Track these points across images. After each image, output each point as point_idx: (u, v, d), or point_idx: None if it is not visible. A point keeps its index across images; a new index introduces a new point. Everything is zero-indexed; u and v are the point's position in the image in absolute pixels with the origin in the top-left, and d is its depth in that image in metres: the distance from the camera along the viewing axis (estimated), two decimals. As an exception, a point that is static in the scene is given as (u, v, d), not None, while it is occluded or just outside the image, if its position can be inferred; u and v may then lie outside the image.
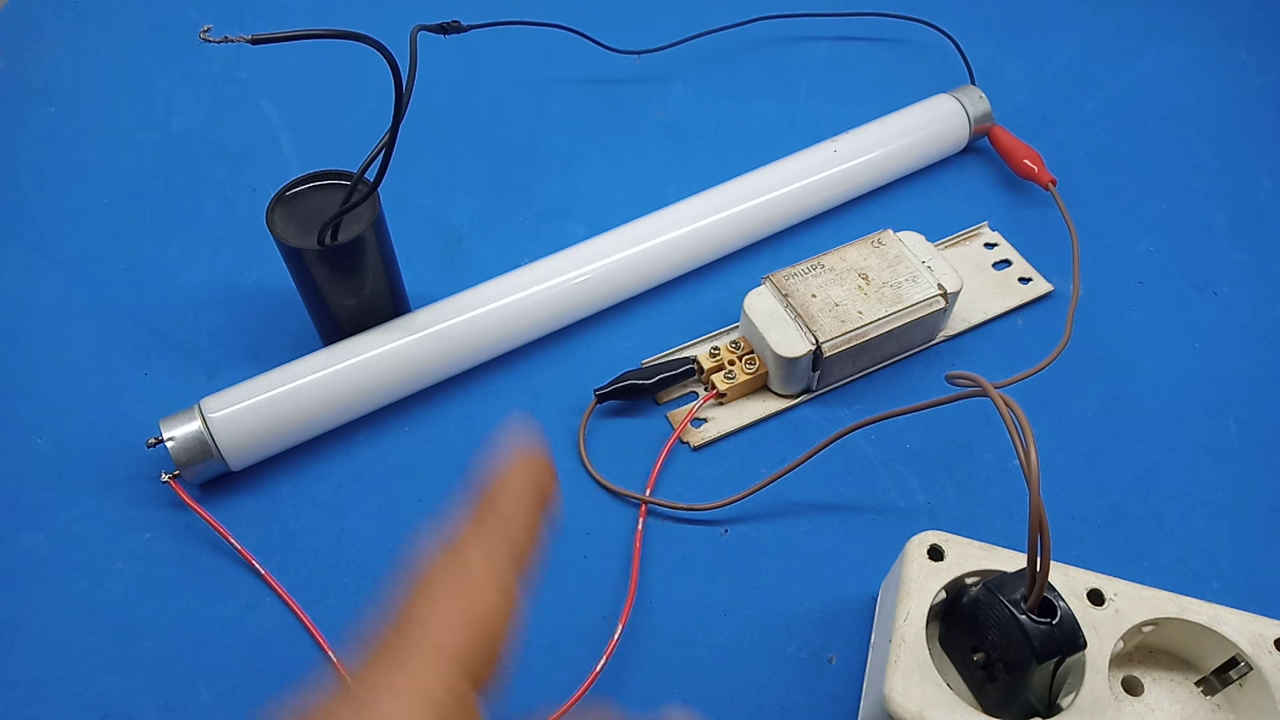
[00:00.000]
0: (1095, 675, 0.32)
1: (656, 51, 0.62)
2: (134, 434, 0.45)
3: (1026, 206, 0.55)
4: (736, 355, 0.46)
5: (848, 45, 0.65)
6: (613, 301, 0.49)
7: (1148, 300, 0.51)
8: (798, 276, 0.46)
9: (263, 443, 0.43)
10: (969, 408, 0.45)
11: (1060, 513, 0.43)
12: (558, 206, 0.55)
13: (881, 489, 0.44)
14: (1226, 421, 0.46)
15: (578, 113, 0.61)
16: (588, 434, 0.45)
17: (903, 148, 0.55)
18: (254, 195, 0.56)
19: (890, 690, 0.32)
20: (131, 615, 0.40)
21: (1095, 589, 0.34)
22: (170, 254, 0.53)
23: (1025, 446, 0.29)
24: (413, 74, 0.37)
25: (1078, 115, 0.61)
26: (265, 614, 0.40)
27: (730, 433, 0.45)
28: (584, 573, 0.41)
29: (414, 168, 0.56)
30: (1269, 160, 0.58)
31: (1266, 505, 0.43)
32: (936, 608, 0.34)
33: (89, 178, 0.56)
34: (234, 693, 0.38)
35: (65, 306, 0.50)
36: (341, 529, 0.42)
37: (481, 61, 0.63)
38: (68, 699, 0.38)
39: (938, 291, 0.46)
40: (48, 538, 0.42)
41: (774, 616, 0.40)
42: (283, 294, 0.50)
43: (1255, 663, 0.32)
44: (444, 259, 0.53)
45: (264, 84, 0.62)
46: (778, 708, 0.38)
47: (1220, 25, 0.67)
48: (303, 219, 0.42)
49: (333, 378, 0.43)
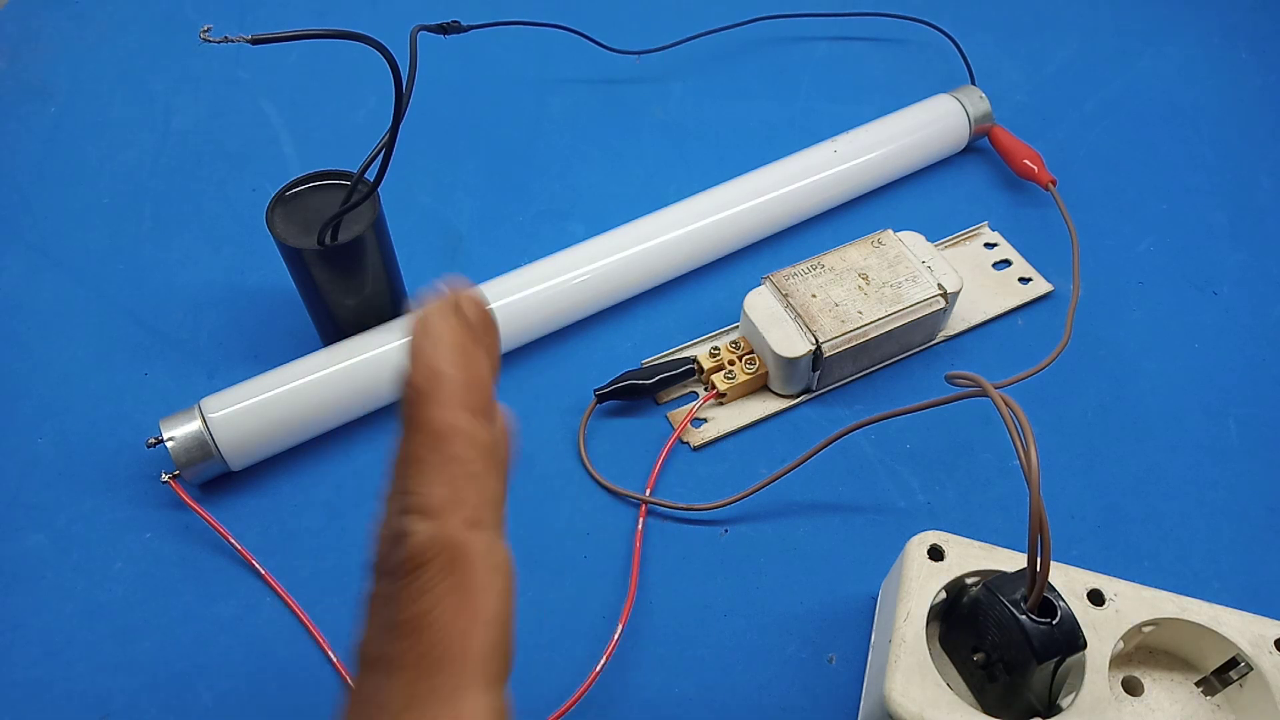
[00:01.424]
0: (1095, 675, 0.32)
1: (656, 51, 0.62)
2: (134, 434, 0.45)
3: (1026, 206, 0.55)
4: (736, 355, 0.46)
5: (848, 45, 0.65)
6: (613, 301, 0.49)
7: (1148, 300, 0.51)
8: (798, 276, 0.46)
9: (263, 443, 0.43)
10: (969, 408, 0.45)
11: (1060, 513, 0.43)
12: (558, 206, 0.55)
13: (881, 489, 0.44)
14: (1226, 421, 0.46)
15: (578, 113, 0.61)
16: (588, 434, 0.45)
17: (903, 148, 0.55)
18: (254, 195, 0.56)
19: (890, 690, 0.32)
20: (131, 615, 0.40)
21: (1095, 589, 0.34)
22: (170, 254, 0.53)
23: (1025, 446, 0.29)
24: (413, 74, 0.37)
25: (1078, 115, 0.61)
26: (265, 614, 0.40)
27: (730, 433, 0.45)
28: (584, 573, 0.41)
29: (414, 168, 0.56)
30: (1269, 160, 0.58)
31: (1266, 505, 0.43)
32: (936, 608, 0.34)
33: (89, 178, 0.56)
34: (234, 693, 0.38)
35: (65, 306, 0.50)
36: (341, 529, 0.42)
37: (481, 61, 0.63)
38: (68, 699, 0.38)
39: (938, 291, 0.46)
40: (48, 538, 0.42)
41: (774, 616, 0.40)
42: (283, 294, 0.50)
43: (1255, 663, 0.32)
44: (444, 259, 0.53)
45: (264, 84, 0.62)
46: (778, 708, 0.38)
47: (1220, 25, 0.67)
48: (303, 219, 0.42)
49: (333, 378, 0.43)
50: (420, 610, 0.18)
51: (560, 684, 0.38)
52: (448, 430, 0.18)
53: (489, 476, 0.19)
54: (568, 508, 0.43)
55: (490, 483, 0.19)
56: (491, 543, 0.19)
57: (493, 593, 0.19)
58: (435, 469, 0.18)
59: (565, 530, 0.42)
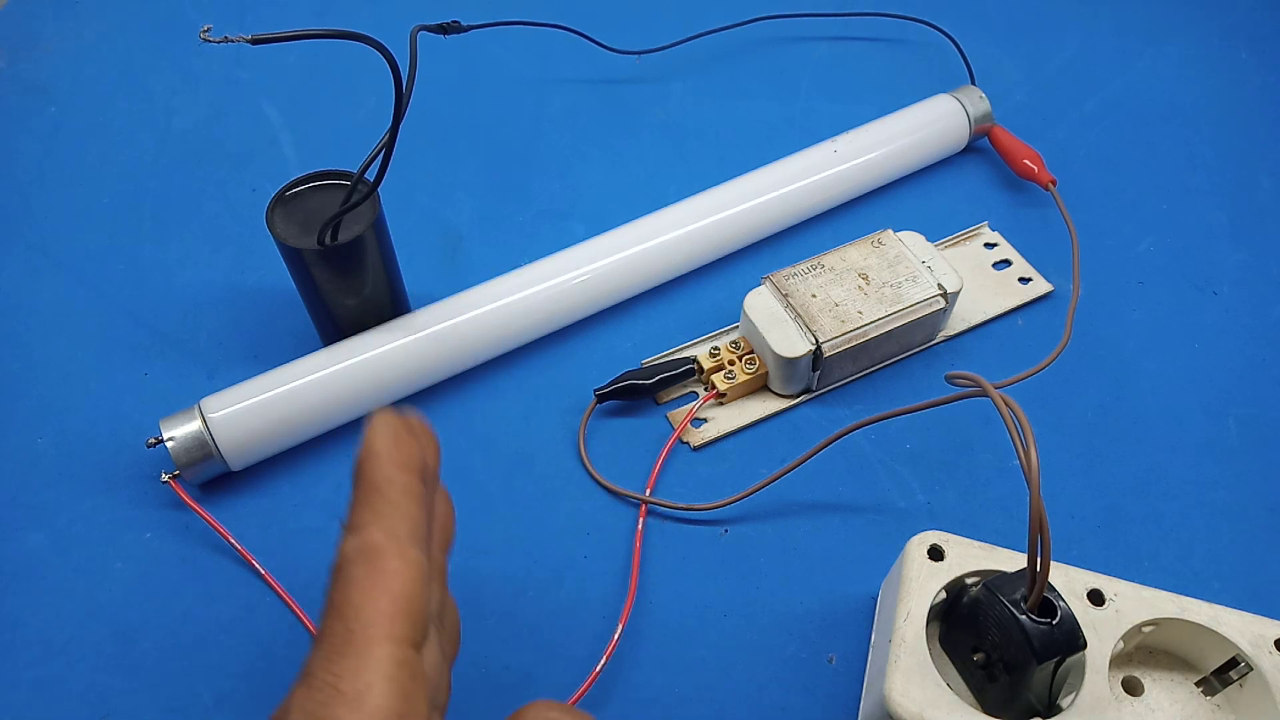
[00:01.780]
0: (1095, 675, 0.32)
1: (656, 51, 0.62)
2: (134, 434, 0.45)
3: (1026, 206, 0.55)
4: (736, 355, 0.46)
5: (848, 45, 0.65)
6: (613, 301, 0.49)
7: (1148, 300, 0.51)
8: (798, 276, 0.46)
9: (263, 443, 0.43)
10: (969, 408, 0.45)
11: (1060, 513, 0.43)
12: (558, 206, 0.55)
13: (881, 489, 0.44)
14: (1226, 421, 0.46)
15: (578, 113, 0.61)
16: (588, 434, 0.45)
17: (903, 148, 0.55)
18: (254, 195, 0.56)
19: (890, 690, 0.32)
20: (131, 615, 0.40)
21: (1095, 589, 0.34)
22: (170, 254, 0.53)
23: (1025, 446, 0.29)
24: (413, 74, 0.37)
25: (1078, 115, 0.61)
26: (265, 614, 0.40)
27: (730, 433, 0.45)
28: (584, 573, 0.41)
29: (414, 168, 0.56)
30: (1269, 160, 0.58)
31: (1266, 505, 0.43)
32: (936, 608, 0.34)
33: (89, 178, 0.56)
34: (234, 693, 0.38)
35: (65, 306, 0.50)
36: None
37: (481, 61, 0.63)
38: (68, 699, 0.38)
39: (938, 291, 0.46)
40: (48, 538, 0.42)
41: (774, 616, 0.40)
42: (283, 294, 0.50)
43: (1255, 663, 0.32)
44: (444, 259, 0.53)
45: (264, 84, 0.62)
46: (778, 708, 0.38)
47: (1220, 25, 0.67)
48: (303, 219, 0.42)
49: (333, 378, 0.43)
50: (340, 594, 0.23)
51: (560, 684, 0.38)
52: (378, 479, 0.25)
53: (409, 508, 0.25)
54: (568, 508, 0.43)
55: (410, 512, 0.25)
56: (404, 547, 0.24)
57: (401, 577, 0.23)
58: (364, 503, 0.25)
59: (565, 530, 0.42)
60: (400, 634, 0.23)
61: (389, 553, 0.24)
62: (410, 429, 0.26)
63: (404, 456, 0.26)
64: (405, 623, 0.23)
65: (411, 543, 0.24)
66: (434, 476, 0.28)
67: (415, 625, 0.23)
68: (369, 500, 0.25)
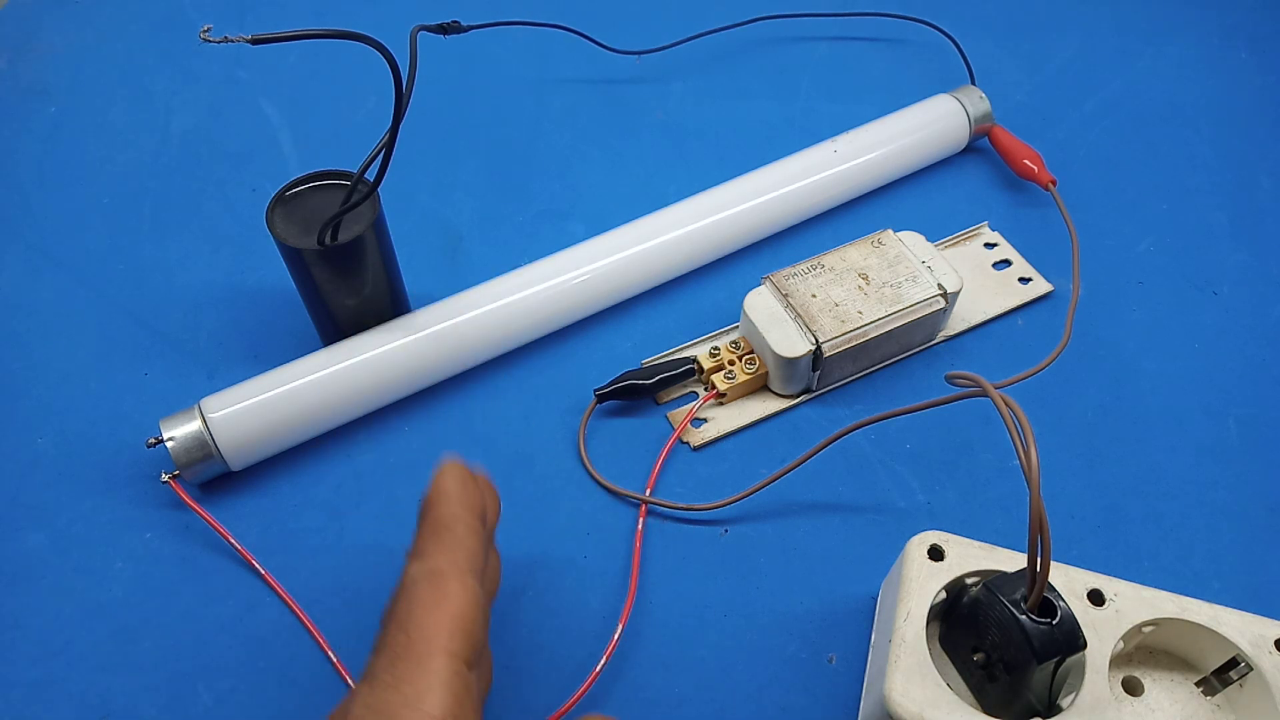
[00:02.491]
0: (1095, 675, 0.32)
1: (656, 51, 0.62)
2: (134, 434, 0.45)
3: (1026, 206, 0.55)
4: (736, 355, 0.46)
5: (848, 45, 0.65)
6: (613, 301, 0.49)
7: (1148, 300, 0.51)
8: (798, 276, 0.46)
9: (263, 443, 0.43)
10: (969, 408, 0.45)
11: (1060, 513, 0.43)
12: (558, 206, 0.55)
13: (881, 489, 0.44)
14: (1226, 421, 0.46)
15: (578, 113, 0.61)
16: (588, 434, 0.45)
17: (903, 148, 0.55)
18: (254, 195, 0.56)
19: (890, 690, 0.32)
20: (131, 615, 0.40)
21: (1095, 589, 0.34)
22: (170, 254, 0.53)
23: (1025, 446, 0.29)
24: (413, 74, 0.37)
25: (1078, 115, 0.61)
26: (265, 614, 0.40)
27: (730, 433, 0.45)
28: (584, 573, 0.41)
29: (414, 168, 0.57)
30: (1269, 160, 0.58)
31: (1266, 505, 0.43)
32: (936, 608, 0.34)
33: (89, 178, 0.56)
34: (234, 693, 0.38)
35: (65, 306, 0.50)
36: (341, 529, 0.42)
37: (481, 61, 0.63)
38: (68, 699, 0.38)
39: (938, 291, 0.46)
40: (48, 538, 0.42)
41: (774, 616, 0.40)
42: (283, 294, 0.50)
43: (1255, 663, 0.32)
44: (444, 259, 0.53)
45: (264, 84, 0.62)
46: (778, 708, 0.38)
47: (1220, 25, 0.67)
48: (303, 219, 0.42)
49: (333, 378, 0.43)
50: (404, 609, 0.26)
51: (560, 684, 0.38)
52: (446, 516, 0.28)
53: (471, 543, 0.28)
54: (568, 508, 0.43)
55: (471, 547, 0.28)
56: (465, 575, 0.27)
57: (460, 600, 0.26)
58: (431, 535, 0.28)
59: (565, 530, 0.42)
60: (457, 649, 0.25)
61: (451, 578, 0.26)
62: (475, 480, 0.30)
63: (469, 500, 0.29)
64: (462, 640, 0.25)
65: (471, 573, 0.27)
66: (491, 529, 0.31)
67: (470, 644, 0.26)
68: (436, 533, 0.28)
